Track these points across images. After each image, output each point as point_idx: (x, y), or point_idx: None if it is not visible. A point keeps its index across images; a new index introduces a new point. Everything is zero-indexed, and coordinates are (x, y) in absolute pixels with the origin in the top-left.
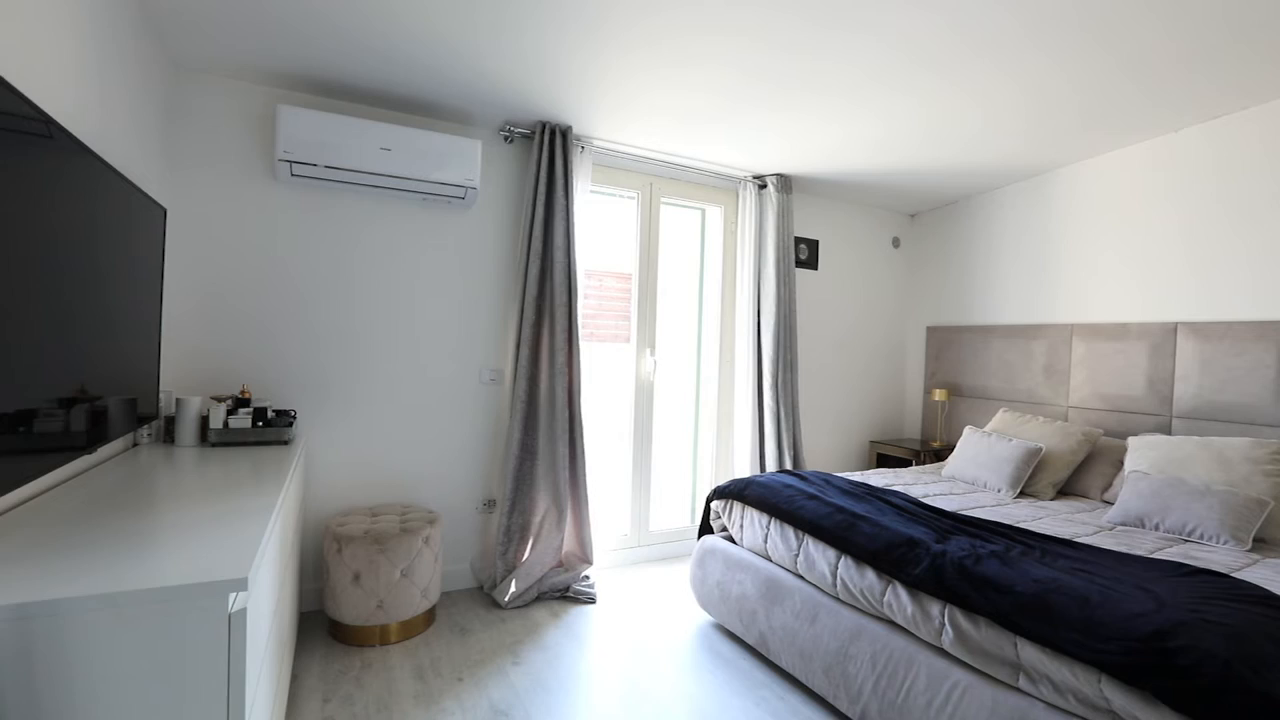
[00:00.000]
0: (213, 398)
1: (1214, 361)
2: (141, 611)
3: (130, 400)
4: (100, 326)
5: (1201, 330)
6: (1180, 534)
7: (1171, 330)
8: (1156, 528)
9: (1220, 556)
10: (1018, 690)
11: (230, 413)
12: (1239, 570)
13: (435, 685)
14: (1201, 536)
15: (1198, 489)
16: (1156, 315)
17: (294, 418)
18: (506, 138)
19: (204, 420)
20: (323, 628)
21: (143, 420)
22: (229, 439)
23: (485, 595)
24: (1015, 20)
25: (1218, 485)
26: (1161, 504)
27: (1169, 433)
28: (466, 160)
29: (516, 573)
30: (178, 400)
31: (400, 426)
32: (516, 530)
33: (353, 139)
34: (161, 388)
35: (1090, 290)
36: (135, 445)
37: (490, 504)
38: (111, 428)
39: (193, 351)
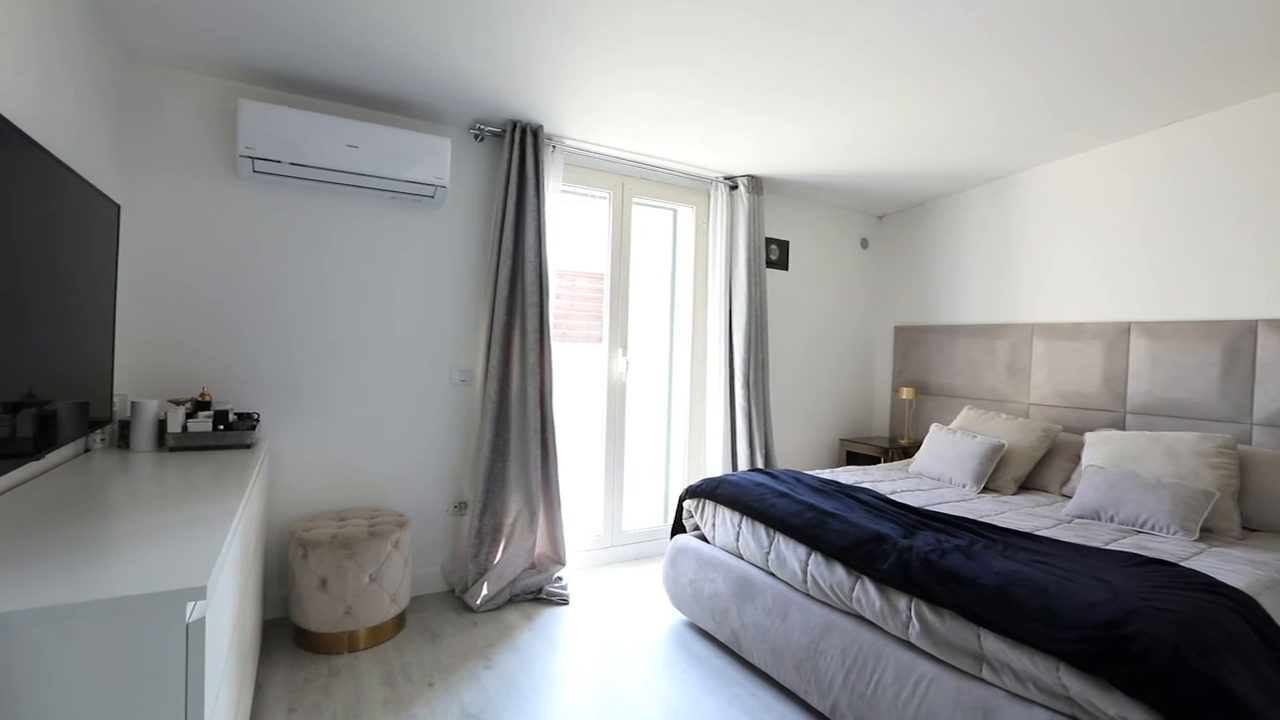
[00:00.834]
0: (170, 401)
1: (1164, 359)
2: (94, 623)
3: (82, 404)
4: (48, 328)
5: (1153, 330)
6: (1133, 525)
7: (1125, 330)
8: (1111, 520)
9: (1170, 546)
10: (981, 680)
11: (189, 416)
12: (1187, 559)
13: (405, 691)
14: (1153, 527)
15: (1149, 482)
16: (1111, 315)
17: (257, 420)
18: (477, 136)
19: (161, 424)
20: (288, 635)
21: (95, 425)
22: (188, 443)
23: (456, 599)
24: (984, 25)
25: (1168, 478)
26: (1116, 497)
27: (1123, 428)
28: (436, 158)
29: (488, 575)
30: (133, 404)
31: (368, 428)
32: (488, 532)
33: (318, 135)
34: (116, 391)
35: (1049, 291)
36: (87, 451)
37: (461, 506)
38: (61, 433)
39: (150, 353)
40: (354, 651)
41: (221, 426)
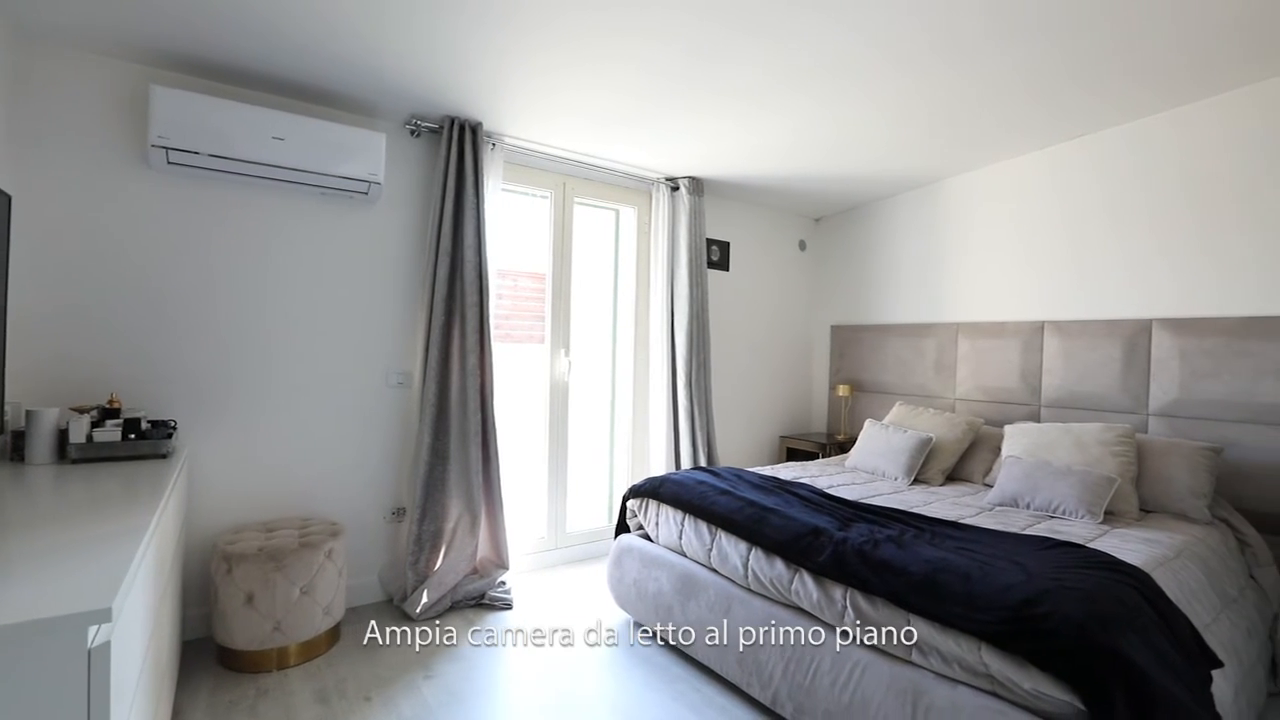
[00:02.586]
0: (73, 408)
1: (1074, 356)
2: None
3: None
4: None
5: (1064, 328)
6: (1047, 511)
7: (1040, 328)
8: (1028, 506)
9: (1078, 529)
10: (911, 664)
11: (96, 424)
12: (1093, 540)
13: (340, 707)
14: (1064, 512)
15: (1060, 470)
16: (1028, 314)
17: (174, 428)
18: (413, 132)
19: (63, 434)
20: (211, 656)
21: None
22: (94, 454)
23: (395, 608)
24: (923, 34)
25: (1076, 466)
26: (1031, 485)
27: (1039, 420)
28: (370, 153)
29: (428, 582)
30: (28, 412)
31: (299, 434)
32: (428, 538)
33: (241, 126)
34: (7, 399)
35: (972, 292)
36: None
37: (399, 512)
38: None
39: (51, 358)
40: (284, 669)
41: (133, 435)
